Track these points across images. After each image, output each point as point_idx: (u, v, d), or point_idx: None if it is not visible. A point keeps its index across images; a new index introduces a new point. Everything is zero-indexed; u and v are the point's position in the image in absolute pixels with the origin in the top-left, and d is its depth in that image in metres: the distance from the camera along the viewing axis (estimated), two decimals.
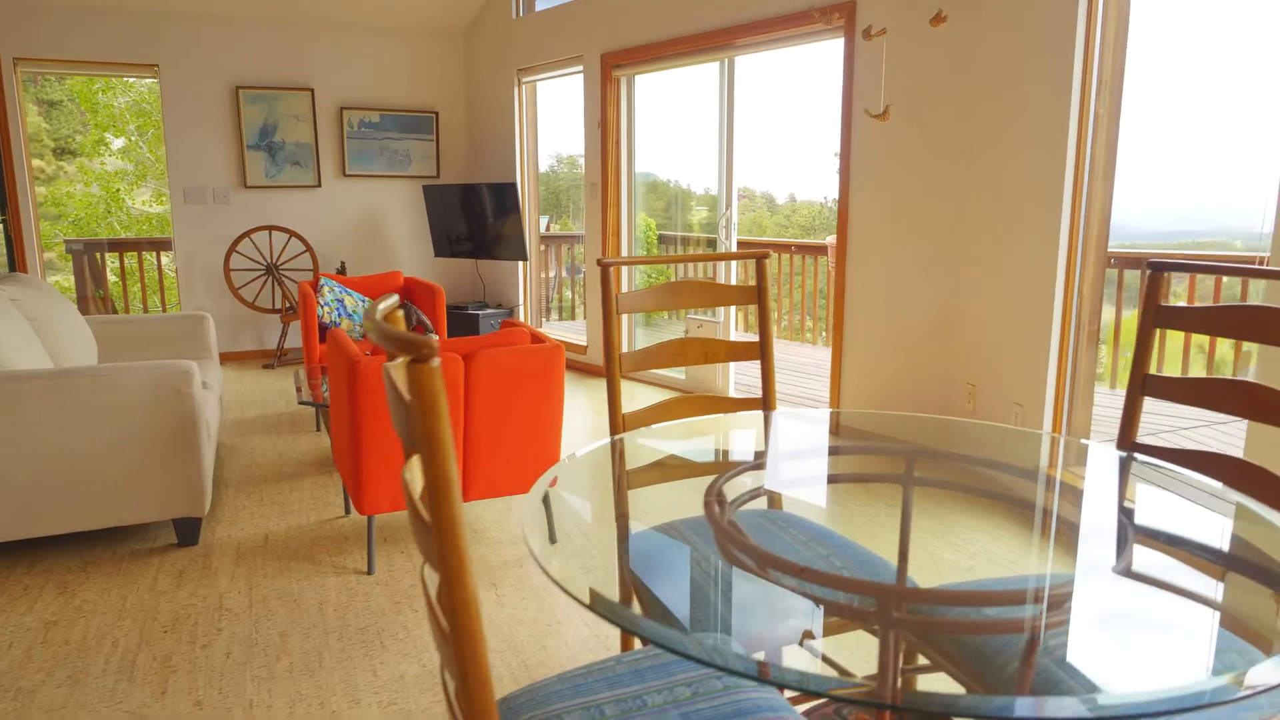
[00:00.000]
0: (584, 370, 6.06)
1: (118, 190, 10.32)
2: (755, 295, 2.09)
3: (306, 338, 4.60)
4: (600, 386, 5.62)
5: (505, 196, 6.18)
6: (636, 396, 5.33)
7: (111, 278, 7.28)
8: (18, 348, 3.06)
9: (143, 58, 5.98)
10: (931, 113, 3.77)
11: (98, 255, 7.35)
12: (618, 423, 1.98)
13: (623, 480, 1.63)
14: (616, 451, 1.71)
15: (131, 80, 10.51)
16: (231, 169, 6.28)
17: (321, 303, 4.83)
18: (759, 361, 2.11)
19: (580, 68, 5.75)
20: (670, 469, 1.78)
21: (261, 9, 6.10)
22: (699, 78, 5.16)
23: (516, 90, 6.39)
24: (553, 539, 1.23)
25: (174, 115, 6.11)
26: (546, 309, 7.84)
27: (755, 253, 2.09)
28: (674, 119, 5.87)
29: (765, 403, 2.09)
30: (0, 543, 3.07)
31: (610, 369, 1.97)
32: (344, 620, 2.54)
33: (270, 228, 6.29)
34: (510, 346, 2.87)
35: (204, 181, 6.23)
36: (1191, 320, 1.63)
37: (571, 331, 6.93)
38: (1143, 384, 1.68)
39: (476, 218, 6.41)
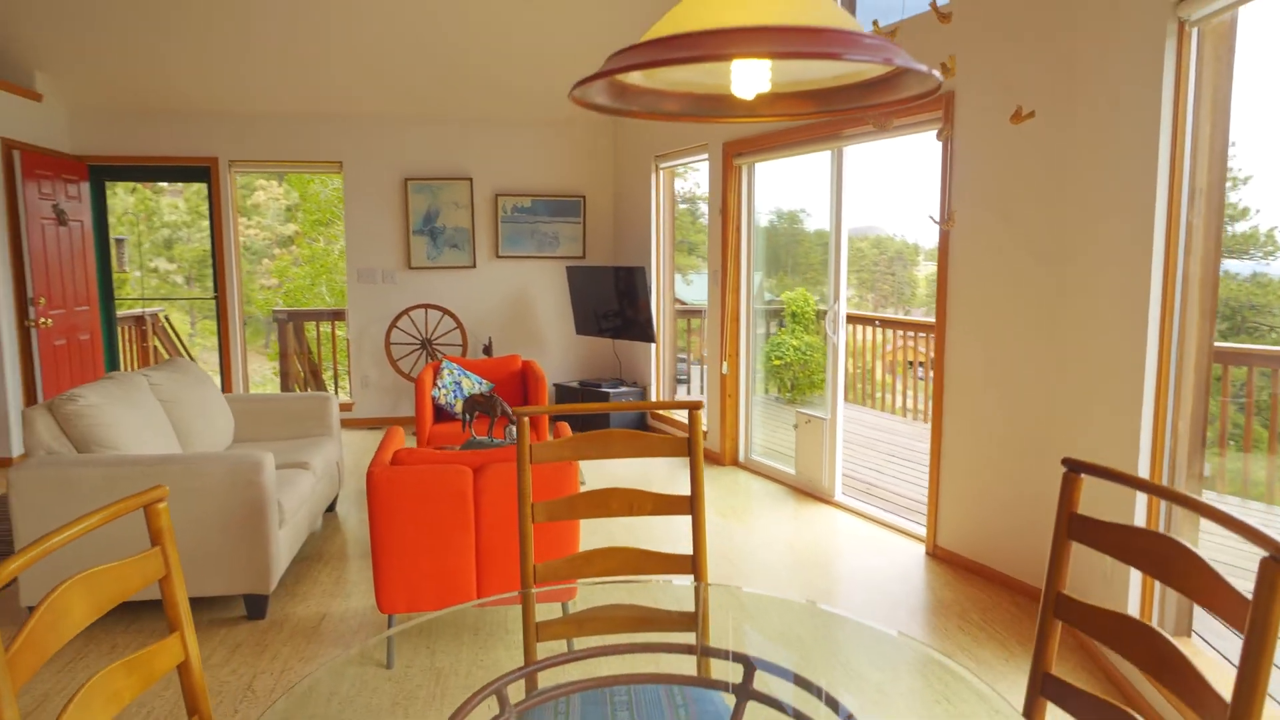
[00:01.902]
0: (705, 456, 5.98)
1: (325, 267, 11.78)
2: (686, 448, 2.00)
3: (419, 420, 4.94)
4: (719, 476, 5.52)
5: (636, 280, 6.32)
6: (739, 486, 5.19)
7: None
8: (137, 430, 3.55)
9: (331, 156, 6.80)
10: (1019, 212, 3.43)
11: (301, 325, 8.34)
12: (528, 573, 1.96)
13: None
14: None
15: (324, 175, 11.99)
16: (398, 252, 6.93)
17: (439, 384, 5.17)
18: (689, 517, 2.01)
19: (706, 155, 5.81)
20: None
21: (428, 109, 6.73)
22: (814, 165, 5.04)
23: (653, 176, 6.55)
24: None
25: (353, 205, 6.86)
26: (676, 384, 7.85)
27: (688, 403, 2.01)
28: (795, 202, 5.75)
29: (695, 568, 1.98)
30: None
31: (522, 521, 1.95)
32: (341, 714, 2.67)
33: (427, 306, 6.85)
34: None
35: (375, 263, 6.92)
36: (1105, 538, 1.36)
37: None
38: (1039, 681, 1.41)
39: (612, 298, 6.60)
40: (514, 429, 4.12)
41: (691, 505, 2.00)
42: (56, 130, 6.21)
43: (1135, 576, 2.80)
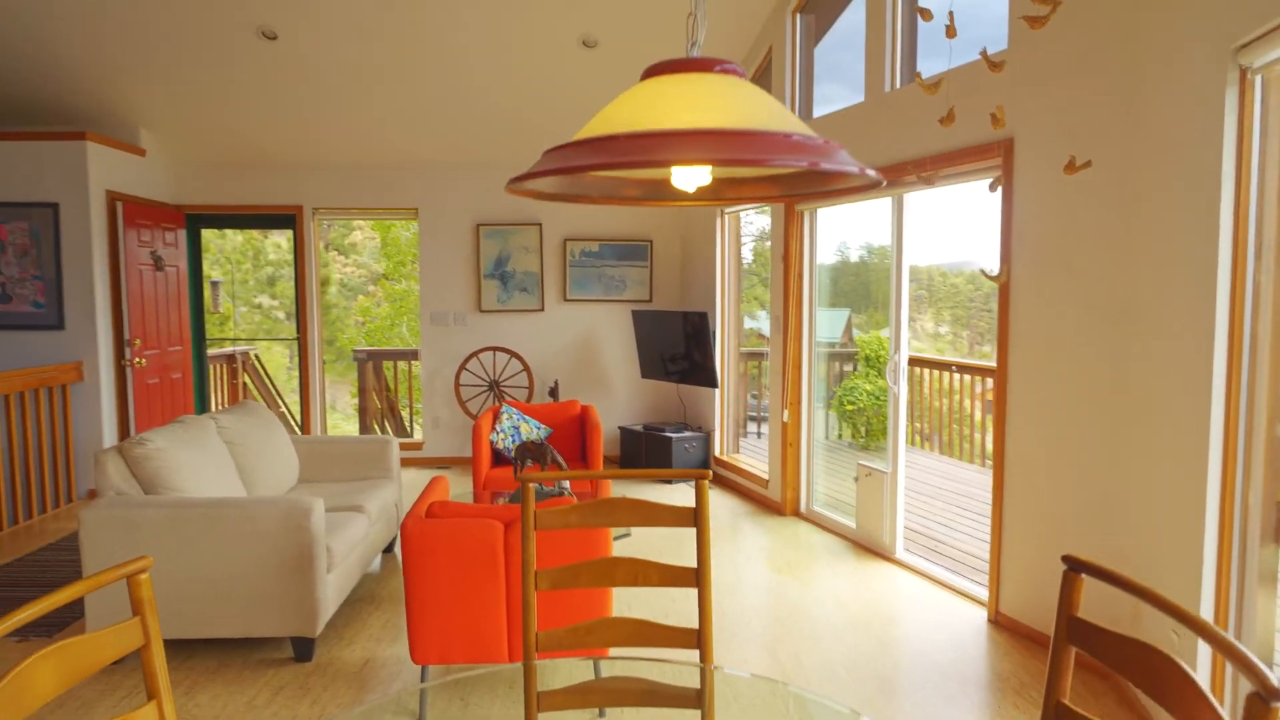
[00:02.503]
0: (763, 504, 5.87)
1: (405, 308, 12.21)
2: (692, 518, 1.96)
3: (475, 464, 5.01)
4: (778, 527, 5.41)
5: (700, 325, 6.30)
6: (797, 539, 5.05)
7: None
8: (202, 473, 3.71)
9: (407, 203, 7.06)
10: (1081, 264, 3.27)
11: (380, 364, 8.63)
12: (530, 644, 1.94)
13: None
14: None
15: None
16: (470, 295, 7.11)
17: (498, 429, 5.24)
18: (695, 589, 1.96)
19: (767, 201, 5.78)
20: None
21: (500, 157, 6.92)
22: (875, 211, 4.94)
23: (718, 220, 6.54)
24: None
25: (428, 249, 7.09)
26: (744, 427, 7.74)
27: (695, 474, 1.97)
28: (859, 249, 5.64)
29: (701, 644, 1.93)
30: (164, 639, 3.68)
31: (525, 589, 1.94)
32: None
33: (495, 348, 6.99)
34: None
35: (447, 306, 7.11)
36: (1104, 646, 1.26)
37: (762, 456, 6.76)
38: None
39: (676, 342, 6.59)
40: (565, 481, 4.14)
41: (697, 578, 1.95)
42: (157, 182, 6.65)
43: (1205, 652, 2.59)
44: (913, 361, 7.81)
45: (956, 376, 7.35)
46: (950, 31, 3.23)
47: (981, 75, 3.60)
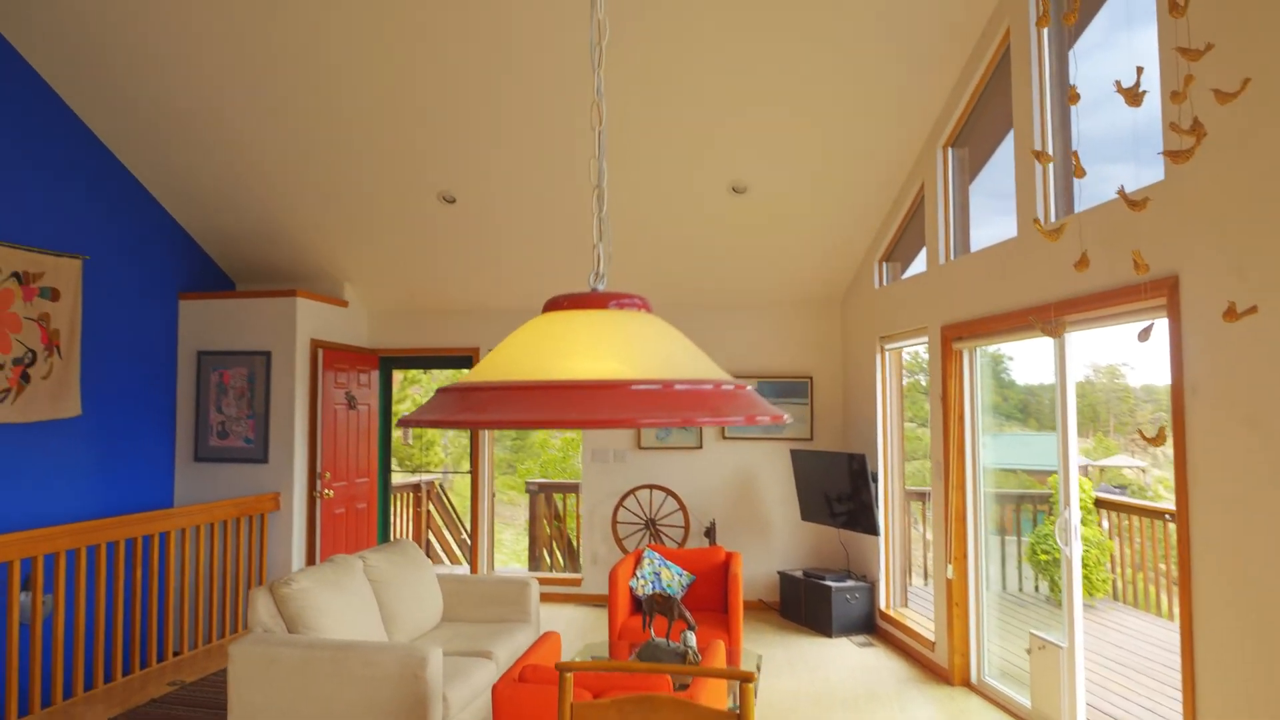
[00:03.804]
0: (930, 670, 5.31)
1: (576, 441, 12.58)
2: None
3: (611, 611, 4.93)
4: (942, 699, 4.86)
5: (858, 467, 5.99)
6: (964, 717, 4.48)
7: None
8: (343, 613, 3.91)
9: None
10: (1267, 420, 2.78)
11: (551, 496, 8.88)
12: None
13: None
14: None
15: None
16: (629, 433, 7.21)
17: (638, 574, 5.15)
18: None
19: (925, 339, 5.49)
20: None
21: (663, 297, 7.12)
22: (1037, 350, 4.53)
23: (879, 357, 6.29)
24: None
25: None
26: (911, 576, 7.10)
27: (740, 674, 1.81)
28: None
29: None
30: None
31: None
32: None
33: (651, 486, 6.98)
34: (652, 696, 2.77)
35: (608, 443, 7.25)
36: None
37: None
38: None
39: (836, 484, 6.28)
40: (692, 634, 3.97)
41: None
42: (356, 329, 7.41)
43: None
44: (1124, 508, 6.95)
45: (1161, 524, 6.42)
46: (1078, 171, 3.00)
47: (1121, 213, 3.28)
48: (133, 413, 6.09)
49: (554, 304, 1.05)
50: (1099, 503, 6.96)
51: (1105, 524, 7.05)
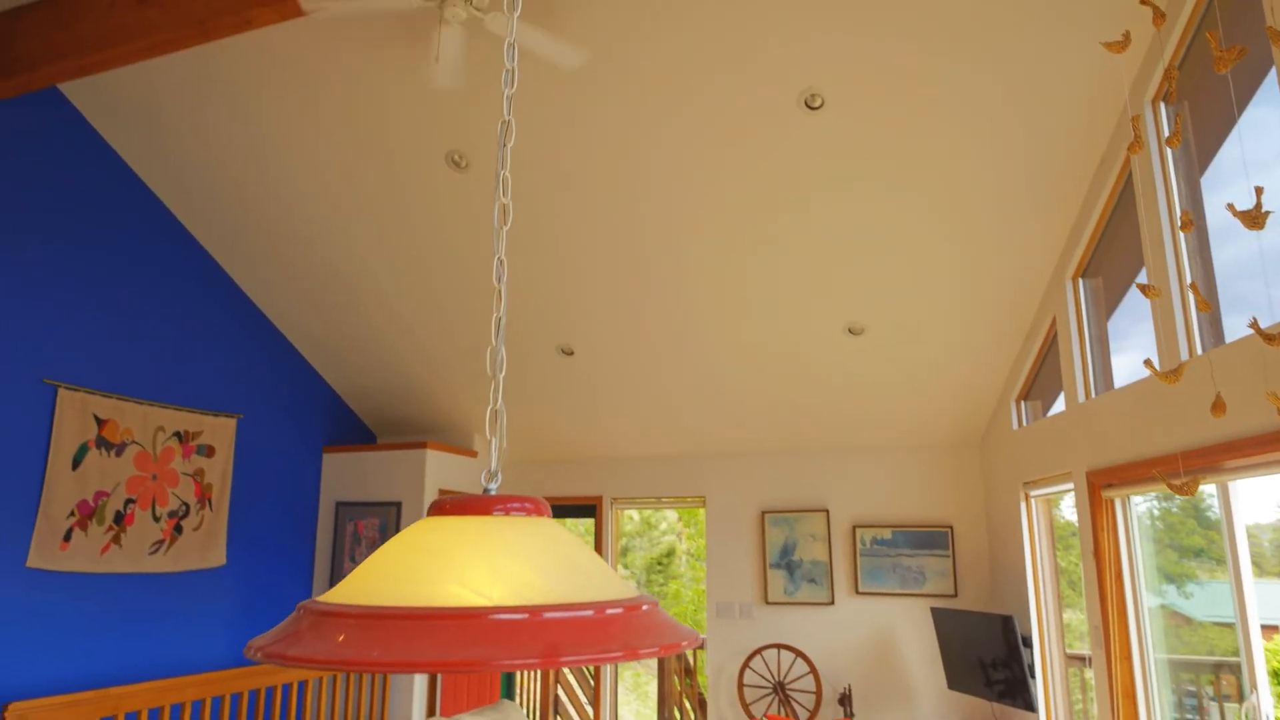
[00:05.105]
0: None
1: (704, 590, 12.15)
2: None
3: None
4: None
5: (1006, 629, 5.35)
6: None
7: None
8: None
9: (696, 491, 7.22)
10: None
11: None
12: None
13: None
14: None
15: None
16: (755, 586, 6.85)
17: None
18: None
19: (1070, 484, 4.96)
20: None
21: (784, 443, 6.90)
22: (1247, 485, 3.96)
23: (1023, 505, 5.73)
24: None
25: (714, 538, 7.08)
26: None
27: None
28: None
29: None
30: None
31: None
32: None
33: (780, 646, 6.52)
34: None
35: (733, 596, 6.90)
36: None
37: None
38: None
39: (985, 649, 5.63)
40: None
41: None
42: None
43: None
44: None
45: None
46: (1201, 305, 2.69)
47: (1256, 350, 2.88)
48: (273, 562, 6.40)
49: (436, 507, 0.97)
50: None
51: None
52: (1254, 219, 2.42)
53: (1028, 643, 5.44)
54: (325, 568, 6.79)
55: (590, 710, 9.28)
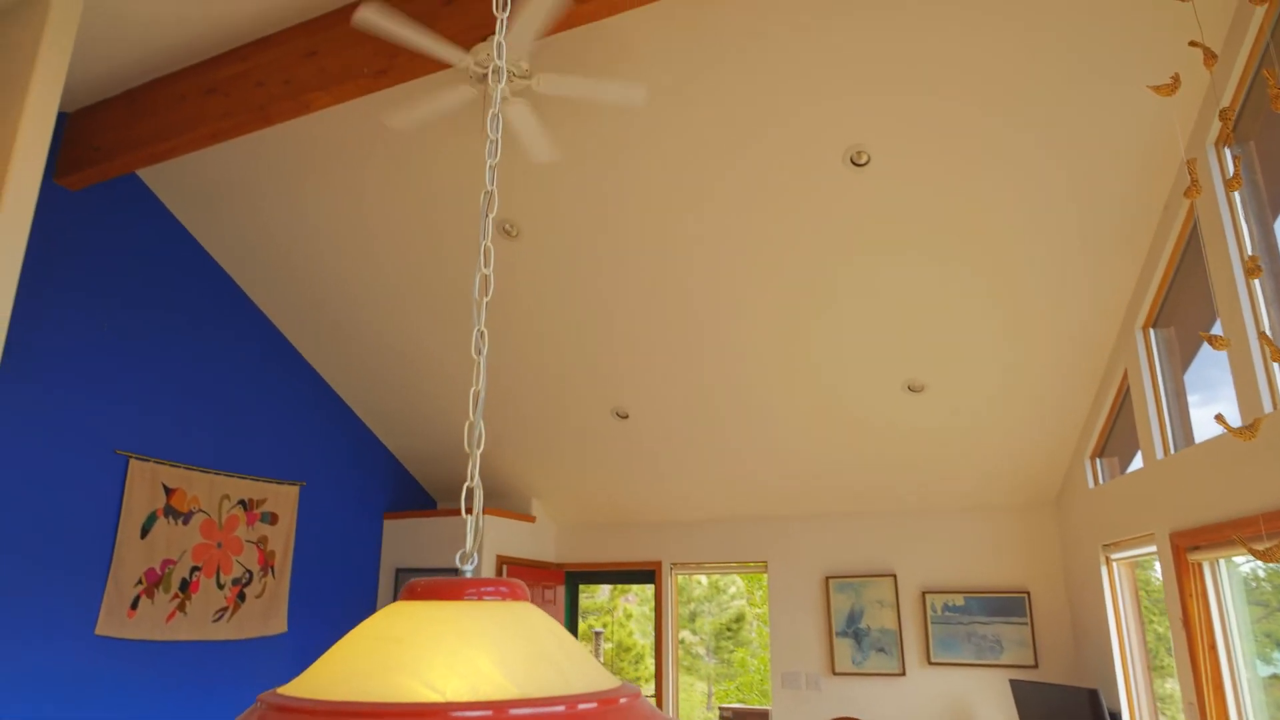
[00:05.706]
0: None
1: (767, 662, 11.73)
2: None
3: None
4: None
5: (1095, 705, 4.99)
6: None
7: None
8: None
9: (757, 556, 7.03)
10: None
11: None
12: None
13: None
14: None
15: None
16: (822, 655, 6.58)
17: None
18: None
19: (1153, 547, 4.66)
20: None
21: (850, 505, 6.69)
22: None
23: (1103, 569, 5.40)
24: None
25: (777, 604, 6.86)
26: None
27: None
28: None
29: None
30: None
31: None
32: None
33: None
34: None
35: (798, 666, 6.63)
36: None
37: None
38: None
39: None
40: None
41: None
42: (543, 544, 7.54)
43: None
44: None
45: None
46: (1275, 355, 2.52)
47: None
48: (334, 629, 6.44)
49: (408, 590, 0.94)
50: None
51: None
52: None
53: (1116, 718, 5.07)
54: None
55: None
